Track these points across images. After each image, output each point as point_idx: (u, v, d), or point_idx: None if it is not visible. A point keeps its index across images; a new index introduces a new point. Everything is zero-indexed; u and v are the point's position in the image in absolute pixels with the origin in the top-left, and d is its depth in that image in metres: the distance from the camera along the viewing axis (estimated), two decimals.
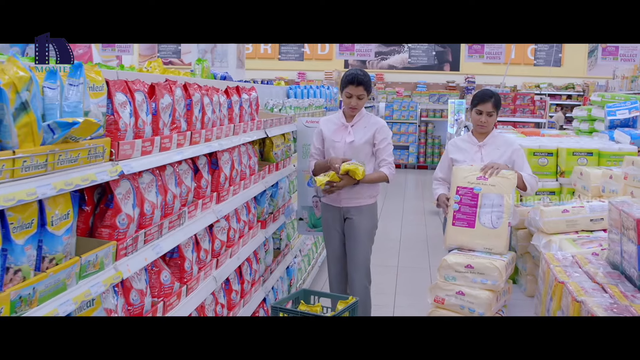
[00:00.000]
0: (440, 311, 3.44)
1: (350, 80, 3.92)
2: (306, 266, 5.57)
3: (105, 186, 2.11)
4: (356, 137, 3.98)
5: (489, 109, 3.72)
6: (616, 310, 2.00)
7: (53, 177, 1.66)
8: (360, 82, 3.91)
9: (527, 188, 3.64)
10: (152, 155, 2.27)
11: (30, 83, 1.56)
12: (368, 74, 4.08)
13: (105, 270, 1.98)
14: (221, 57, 11.16)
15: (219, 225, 3.20)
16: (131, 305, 2.27)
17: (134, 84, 2.22)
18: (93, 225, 2.09)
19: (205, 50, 10.94)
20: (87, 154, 1.85)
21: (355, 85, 3.90)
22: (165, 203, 2.47)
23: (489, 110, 3.72)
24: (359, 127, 4.02)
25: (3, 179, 1.48)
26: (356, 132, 4.00)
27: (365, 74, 3.99)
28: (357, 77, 3.92)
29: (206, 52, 11.00)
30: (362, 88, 3.92)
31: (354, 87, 3.90)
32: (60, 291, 1.72)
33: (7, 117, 1.49)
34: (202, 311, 2.99)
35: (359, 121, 4.03)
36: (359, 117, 4.04)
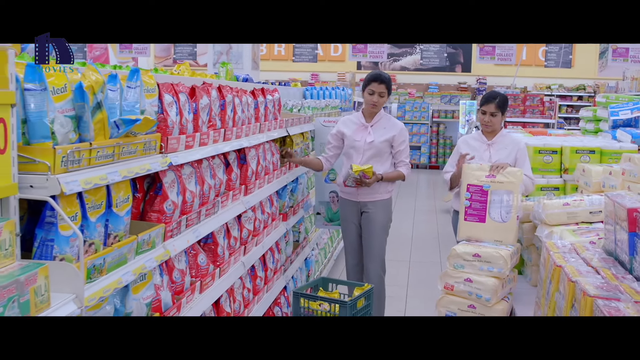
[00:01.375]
0: (450, 297, 3.72)
1: (374, 78, 4.23)
2: (323, 259, 5.86)
3: (154, 176, 2.41)
4: (375, 137, 4.26)
5: (492, 110, 4.00)
6: (605, 288, 2.24)
7: (118, 166, 1.95)
8: (383, 80, 4.22)
9: (522, 187, 3.90)
10: (193, 150, 2.57)
11: (104, 86, 1.86)
12: (390, 77, 4.39)
13: (156, 249, 2.27)
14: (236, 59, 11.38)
15: (246, 216, 3.50)
16: (174, 282, 2.56)
17: (177, 86, 2.51)
18: (143, 210, 2.39)
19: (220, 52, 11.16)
20: (143, 147, 2.14)
21: (378, 82, 4.21)
22: (202, 193, 2.76)
23: (492, 110, 4.00)
24: (378, 127, 4.30)
25: (82, 166, 1.77)
26: (375, 132, 4.28)
27: (388, 75, 4.32)
28: (380, 75, 4.26)
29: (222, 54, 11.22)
30: (384, 86, 4.22)
31: (377, 85, 4.20)
32: (122, 263, 2.02)
33: (86, 114, 1.78)
34: (231, 293, 3.28)
35: (378, 121, 4.31)
36: (379, 118, 4.32)
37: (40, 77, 1.66)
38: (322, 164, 4.48)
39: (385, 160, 4.30)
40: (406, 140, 4.38)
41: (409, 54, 18.23)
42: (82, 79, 1.80)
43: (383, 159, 4.29)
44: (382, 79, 4.25)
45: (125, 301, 2.15)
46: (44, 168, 1.64)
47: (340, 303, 3.76)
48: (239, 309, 3.36)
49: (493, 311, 3.60)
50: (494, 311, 3.60)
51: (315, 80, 17.41)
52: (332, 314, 3.77)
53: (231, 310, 3.23)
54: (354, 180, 4.14)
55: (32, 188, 1.63)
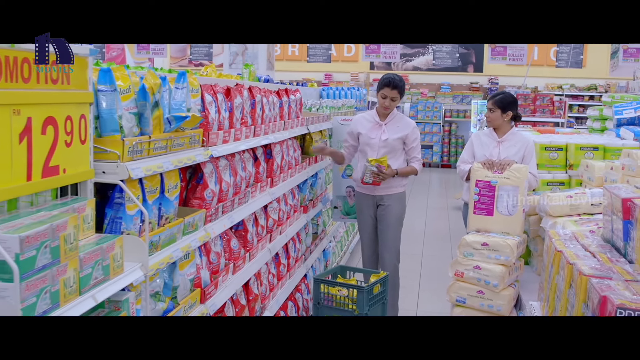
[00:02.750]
0: (460, 283, 3.99)
1: (387, 83, 4.46)
2: (339, 251, 6.15)
3: (195, 167, 2.71)
4: (389, 135, 4.54)
5: (490, 105, 4.38)
6: (599, 269, 2.49)
7: (170, 156, 2.25)
8: (395, 85, 4.45)
9: (526, 184, 4.16)
10: (229, 144, 2.87)
11: (160, 87, 2.16)
12: (404, 80, 4.61)
13: (199, 231, 2.57)
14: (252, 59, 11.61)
15: (272, 206, 3.79)
16: (211, 263, 2.86)
17: (215, 87, 2.81)
18: (186, 197, 2.69)
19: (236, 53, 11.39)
20: (189, 141, 2.44)
21: (391, 88, 4.44)
22: (235, 183, 3.06)
23: (490, 106, 4.39)
24: (391, 126, 4.57)
25: (143, 155, 2.07)
26: (389, 130, 4.56)
27: (401, 79, 4.53)
28: (393, 80, 4.47)
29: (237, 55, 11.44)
30: (397, 91, 4.46)
31: (389, 90, 4.45)
32: (172, 242, 2.32)
33: (147, 111, 2.08)
34: (259, 277, 3.57)
35: (391, 120, 4.58)
36: (392, 117, 4.59)
37: (111, 80, 1.96)
38: (345, 156, 4.78)
39: (398, 157, 4.58)
40: (418, 137, 4.65)
41: (422, 54, 18.44)
42: (144, 81, 2.10)
43: (396, 155, 4.57)
44: (394, 85, 4.45)
45: (173, 276, 2.45)
46: (114, 157, 1.94)
47: (357, 288, 4.05)
48: (265, 291, 3.66)
49: (500, 297, 3.88)
50: (501, 297, 3.88)
51: (329, 81, 17.68)
52: (351, 298, 4.06)
53: (258, 292, 3.53)
54: (371, 175, 4.39)
55: (105, 174, 1.93)
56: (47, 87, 1.65)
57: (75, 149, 1.78)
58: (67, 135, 1.73)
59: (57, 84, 1.69)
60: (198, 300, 2.62)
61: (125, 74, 2.05)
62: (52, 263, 1.47)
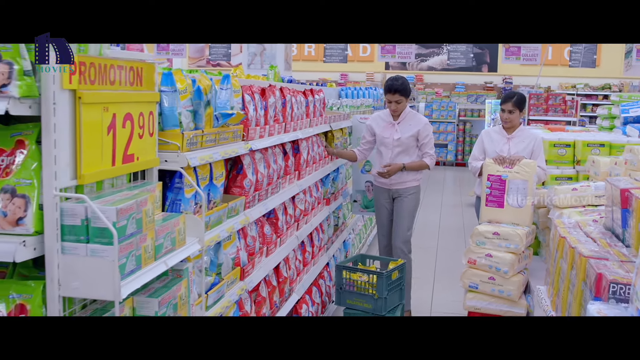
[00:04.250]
0: (473, 270, 4.29)
1: (387, 90, 4.75)
2: (358, 243, 6.48)
3: (235, 159, 3.04)
4: (402, 134, 4.83)
5: (510, 108, 4.60)
6: (598, 251, 2.77)
7: (218, 148, 2.59)
8: (395, 90, 4.71)
9: (535, 177, 4.44)
10: (265, 139, 3.20)
11: (212, 88, 2.49)
12: (403, 79, 4.80)
13: (239, 215, 2.91)
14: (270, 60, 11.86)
15: (299, 197, 4.12)
16: (248, 246, 3.19)
17: (252, 88, 3.14)
18: (227, 186, 3.02)
19: (254, 54, 11.68)
20: (232, 135, 2.78)
21: (392, 93, 4.72)
22: (268, 174, 3.39)
23: (510, 108, 4.60)
24: (404, 124, 4.86)
25: (198, 147, 2.41)
26: (402, 128, 4.85)
27: (400, 81, 4.74)
28: (392, 86, 4.72)
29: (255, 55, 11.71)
30: (398, 95, 4.72)
31: (391, 95, 4.73)
32: (219, 223, 2.65)
33: (201, 109, 2.42)
34: (287, 261, 3.90)
35: (404, 119, 4.88)
36: (404, 115, 4.89)
37: (172, 82, 2.30)
38: (357, 155, 5.08)
39: (412, 154, 4.88)
40: (430, 134, 4.90)
41: (436, 54, 18.68)
42: (198, 83, 2.43)
43: (410, 152, 4.86)
44: (394, 89, 4.70)
45: (218, 254, 2.78)
46: (175, 147, 2.27)
47: (377, 274, 4.37)
48: (293, 275, 3.98)
49: (510, 282, 4.17)
50: (511, 282, 4.17)
51: (345, 80, 17.97)
52: (371, 284, 4.37)
53: (287, 276, 3.86)
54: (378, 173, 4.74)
55: (167, 162, 2.27)
56: (127, 89, 1.98)
57: (146, 141, 2.11)
58: (140, 128, 2.06)
59: (134, 86, 2.03)
60: (238, 277, 2.95)
61: (182, 77, 2.38)
62: (137, 232, 1.81)
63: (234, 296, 2.84)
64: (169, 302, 2.06)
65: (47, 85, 1.63)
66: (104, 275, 1.67)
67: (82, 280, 1.69)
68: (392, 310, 4.45)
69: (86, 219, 1.69)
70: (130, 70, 1.99)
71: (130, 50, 2.51)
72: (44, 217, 1.68)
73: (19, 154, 1.70)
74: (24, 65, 1.58)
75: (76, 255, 1.69)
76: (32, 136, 1.71)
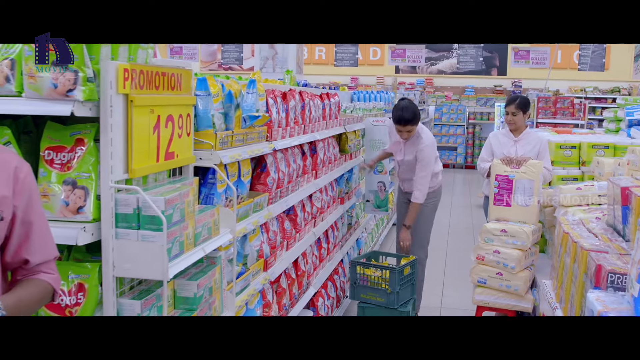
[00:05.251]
0: (481, 266, 4.50)
1: (397, 121, 4.78)
2: (370, 242, 6.69)
3: (259, 158, 3.26)
4: (406, 156, 5.01)
5: (513, 110, 4.83)
6: (599, 245, 2.95)
7: (246, 148, 2.81)
8: (406, 121, 4.73)
9: (541, 177, 4.62)
10: (286, 139, 3.42)
11: (241, 92, 2.72)
12: (411, 107, 4.75)
13: (263, 210, 3.13)
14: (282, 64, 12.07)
15: (316, 195, 4.34)
16: (270, 239, 3.41)
17: (275, 92, 3.37)
18: (252, 183, 3.24)
19: (266, 57, 11.89)
20: (257, 136, 3.00)
21: (402, 124, 4.77)
22: (289, 173, 3.61)
23: (513, 110, 4.83)
24: (409, 145, 4.98)
25: (228, 146, 2.63)
26: (407, 150, 5.01)
27: (409, 111, 4.72)
28: (402, 118, 4.71)
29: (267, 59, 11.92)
30: (409, 125, 4.76)
31: (401, 126, 4.79)
32: (246, 217, 2.87)
33: (232, 112, 2.65)
34: (305, 256, 4.12)
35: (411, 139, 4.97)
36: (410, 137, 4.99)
37: (206, 87, 2.53)
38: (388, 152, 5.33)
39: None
40: (424, 158, 4.82)
41: (446, 57, 18.84)
42: (229, 87, 2.66)
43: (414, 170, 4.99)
44: (404, 121, 4.68)
45: (244, 246, 3.01)
46: (209, 147, 2.50)
47: (390, 269, 4.58)
48: (310, 270, 4.20)
49: (517, 278, 4.37)
50: (518, 278, 4.37)
51: (355, 84, 18.17)
52: (384, 279, 4.58)
53: (305, 270, 4.07)
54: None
55: (201, 160, 2.49)
56: (169, 93, 2.21)
57: (184, 140, 2.34)
58: (179, 129, 2.29)
59: (174, 91, 2.25)
60: (262, 268, 3.17)
61: (214, 82, 2.61)
62: (181, 220, 2.03)
63: (258, 285, 3.06)
64: (206, 286, 2.29)
65: (105, 90, 1.86)
66: (153, 258, 1.89)
67: (133, 262, 1.91)
68: (404, 304, 4.66)
69: (138, 208, 1.92)
70: (172, 77, 2.22)
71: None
72: (101, 206, 1.91)
73: (78, 150, 1.93)
74: (87, 73, 1.80)
75: (128, 240, 1.92)
76: (91, 135, 1.94)
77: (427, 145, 4.87)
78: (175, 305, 2.22)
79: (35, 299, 1.57)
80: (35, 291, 1.57)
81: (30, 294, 1.55)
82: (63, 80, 1.78)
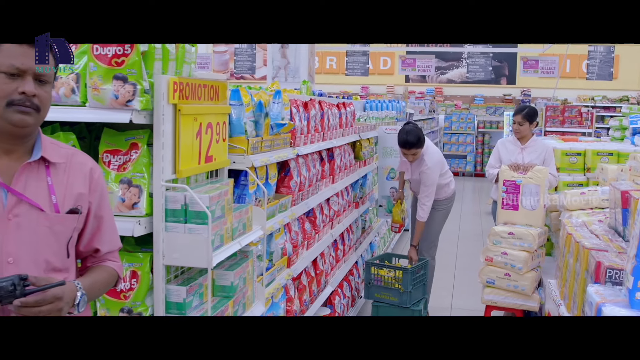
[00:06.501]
0: (490, 267, 4.72)
1: (402, 145, 5.00)
2: (382, 246, 6.94)
3: (282, 162, 3.52)
4: (413, 175, 5.27)
5: (519, 120, 5.08)
6: (599, 245, 3.15)
7: (273, 153, 3.07)
8: (411, 145, 4.94)
9: (547, 183, 4.85)
10: (307, 146, 3.68)
11: (270, 102, 2.98)
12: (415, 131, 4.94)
13: (287, 211, 3.38)
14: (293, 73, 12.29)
15: (333, 199, 4.60)
16: (292, 239, 3.67)
17: (297, 102, 3.63)
18: (276, 186, 3.50)
19: (279, 67, 12.16)
20: (282, 142, 3.26)
21: (407, 149, 4.99)
22: (309, 177, 3.87)
23: (520, 120, 5.08)
24: (415, 165, 5.22)
25: (258, 151, 2.90)
26: (413, 169, 5.26)
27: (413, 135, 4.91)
28: (407, 142, 4.92)
29: (280, 69, 12.19)
30: (414, 148, 4.97)
31: (406, 150, 5.01)
32: (272, 216, 3.13)
33: (261, 120, 2.91)
34: (323, 256, 4.37)
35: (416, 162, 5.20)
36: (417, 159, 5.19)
37: (238, 97, 2.79)
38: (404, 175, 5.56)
39: None
40: (427, 180, 5.05)
41: (456, 67, 19.08)
42: (259, 97, 2.92)
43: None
44: (409, 145, 4.90)
45: (270, 244, 3.26)
46: (241, 151, 2.76)
47: (403, 270, 4.82)
48: (327, 269, 4.45)
49: (524, 278, 4.59)
50: (525, 278, 4.59)
51: (365, 93, 18.44)
52: (397, 279, 4.82)
53: (323, 269, 4.32)
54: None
55: (235, 163, 2.75)
56: (209, 103, 2.47)
57: (220, 145, 2.60)
58: (217, 135, 2.55)
59: (213, 101, 2.52)
60: (285, 265, 3.42)
61: (246, 93, 2.87)
62: (221, 216, 2.29)
63: (283, 280, 3.31)
64: (240, 276, 2.54)
65: (158, 100, 2.13)
66: (199, 248, 2.15)
67: (181, 252, 2.17)
68: (416, 303, 4.89)
69: (185, 204, 2.18)
70: (211, 88, 2.48)
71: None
72: (153, 203, 2.17)
73: (133, 153, 2.19)
74: (144, 86, 2.07)
75: (176, 232, 2.18)
76: (144, 140, 2.21)
77: (430, 168, 5.04)
78: (214, 292, 2.47)
79: (105, 282, 1.83)
80: (106, 276, 1.82)
81: (102, 278, 1.81)
82: (123, 92, 2.04)
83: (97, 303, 2.21)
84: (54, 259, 1.69)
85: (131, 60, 2.06)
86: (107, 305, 2.20)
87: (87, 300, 1.67)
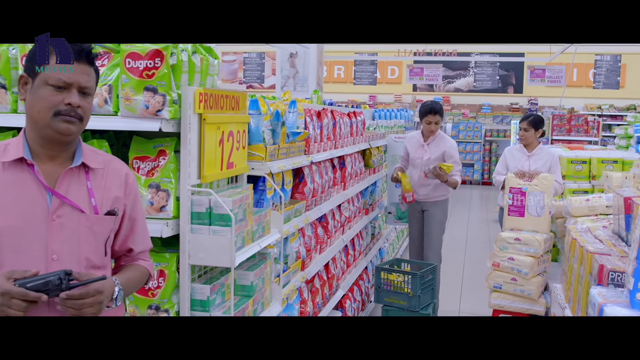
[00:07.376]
0: (497, 272, 4.84)
1: (429, 110, 5.29)
2: (391, 252, 7.06)
3: (297, 169, 3.67)
4: (431, 154, 5.40)
5: (525, 126, 5.23)
6: (602, 249, 3.26)
7: (289, 160, 3.22)
8: (437, 111, 5.30)
9: (552, 190, 4.96)
10: (320, 153, 3.83)
11: (286, 112, 3.13)
12: (441, 103, 5.35)
13: (302, 216, 3.53)
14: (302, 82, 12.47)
15: (344, 205, 4.74)
16: (306, 243, 3.80)
17: (311, 111, 3.78)
18: (291, 192, 3.64)
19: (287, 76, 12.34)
20: (297, 149, 3.41)
21: (433, 114, 5.29)
22: (322, 184, 4.01)
23: (525, 127, 5.23)
24: (433, 145, 5.41)
25: (275, 158, 3.04)
26: (432, 149, 5.41)
27: (439, 104, 5.35)
28: (433, 108, 5.31)
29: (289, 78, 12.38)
30: (438, 115, 5.31)
31: (432, 116, 5.29)
32: (288, 221, 3.27)
33: (278, 128, 3.06)
34: (334, 260, 4.50)
35: (433, 141, 5.43)
36: (434, 137, 5.43)
37: (257, 107, 2.94)
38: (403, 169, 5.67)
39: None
40: (455, 154, 5.40)
41: (463, 76, 19.19)
42: (275, 107, 3.07)
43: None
44: (435, 111, 5.29)
45: (285, 247, 3.40)
46: (260, 158, 2.91)
47: (412, 274, 4.94)
48: (339, 273, 4.58)
49: (530, 283, 4.71)
50: (531, 283, 4.71)
51: (373, 102, 18.58)
52: (406, 283, 4.94)
53: (335, 273, 4.46)
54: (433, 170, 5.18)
55: (253, 169, 2.90)
56: (230, 112, 2.62)
57: (240, 152, 2.75)
58: (237, 142, 2.70)
59: (234, 110, 2.67)
60: (299, 267, 3.56)
61: (264, 103, 3.02)
62: (243, 219, 2.43)
63: (297, 282, 3.45)
64: (260, 276, 2.68)
65: (185, 110, 2.28)
66: (223, 249, 2.29)
67: (205, 252, 2.32)
68: (425, 307, 5.01)
69: (209, 207, 2.32)
70: (232, 98, 2.63)
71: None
72: (180, 206, 2.32)
73: (161, 160, 2.34)
74: (173, 97, 2.22)
75: (201, 234, 2.32)
76: (171, 147, 2.36)
77: (453, 144, 5.45)
78: (235, 291, 2.61)
79: (138, 280, 1.97)
80: (139, 274, 1.97)
81: (135, 276, 1.95)
82: (154, 102, 2.20)
83: (127, 300, 2.36)
84: (93, 256, 1.83)
85: (161, 72, 2.21)
86: (136, 302, 2.34)
87: (123, 295, 1.82)
